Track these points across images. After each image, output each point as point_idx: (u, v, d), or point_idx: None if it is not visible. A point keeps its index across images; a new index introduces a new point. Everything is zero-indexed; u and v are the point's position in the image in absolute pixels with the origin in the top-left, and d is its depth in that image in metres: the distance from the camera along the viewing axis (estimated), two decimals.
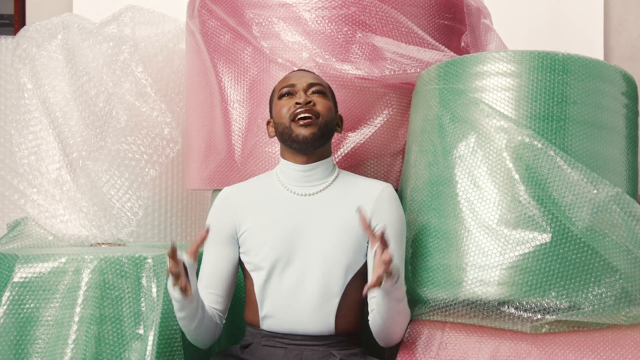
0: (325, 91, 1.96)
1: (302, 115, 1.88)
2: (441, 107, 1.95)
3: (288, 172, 1.95)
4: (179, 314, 1.80)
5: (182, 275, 1.70)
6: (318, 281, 1.85)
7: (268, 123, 2.01)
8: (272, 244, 1.87)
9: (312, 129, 1.88)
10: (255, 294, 1.89)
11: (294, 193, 1.93)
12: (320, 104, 1.92)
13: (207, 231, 1.73)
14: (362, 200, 1.91)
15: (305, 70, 2.05)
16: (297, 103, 1.90)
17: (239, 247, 1.94)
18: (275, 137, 1.98)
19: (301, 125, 1.88)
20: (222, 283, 1.93)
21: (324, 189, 1.93)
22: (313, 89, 1.94)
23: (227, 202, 1.96)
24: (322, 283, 1.85)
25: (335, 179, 1.96)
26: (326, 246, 1.87)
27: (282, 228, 1.88)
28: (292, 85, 1.94)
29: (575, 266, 1.75)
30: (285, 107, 1.91)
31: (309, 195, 1.93)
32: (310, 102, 1.90)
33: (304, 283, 1.86)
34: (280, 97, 1.94)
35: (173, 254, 1.66)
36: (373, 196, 1.92)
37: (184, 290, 1.71)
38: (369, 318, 1.88)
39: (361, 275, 1.90)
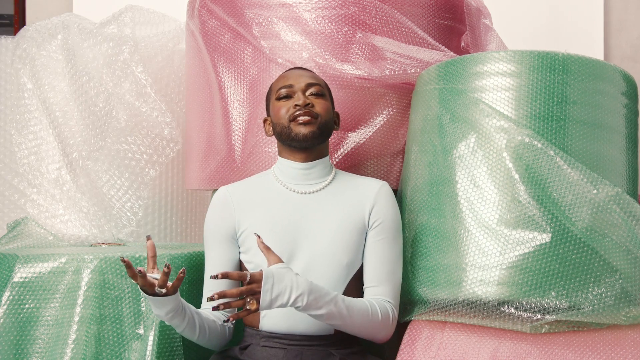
0: (323, 91, 1.96)
1: (301, 118, 1.89)
2: (441, 107, 1.95)
3: (287, 171, 1.95)
4: (178, 329, 1.79)
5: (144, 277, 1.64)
6: (320, 280, 1.85)
7: (265, 121, 2.02)
8: (272, 242, 1.86)
9: (311, 127, 1.89)
10: None
11: (293, 191, 1.93)
12: (319, 105, 1.92)
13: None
14: (361, 198, 1.92)
15: (302, 68, 2.05)
16: (295, 105, 1.90)
17: (239, 247, 1.94)
18: (273, 136, 1.98)
19: (300, 124, 1.89)
20: (228, 284, 1.92)
21: (323, 188, 1.94)
22: (311, 89, 1.94)
23: (225, 201, 1.96)
24: (324, 283, 1.85)
25: (333, 178, 1.97)
26: (328, 245, 1.87)
27: (282, 226, 1.88)
28: (290, 86, 1.94)
29: (575, 266, 1.75)
30: (284, 109, 1.92)
31: (308, 193, 1.93)
32: (309, 104, 1.90)
33: None
34: (278, 98, 1.94)
35: (133, 270, 1.63)
36: (372, 194, 1.93)
37: (161, 287, 1.65)
38: None
39: (360, 275, 1.91)
